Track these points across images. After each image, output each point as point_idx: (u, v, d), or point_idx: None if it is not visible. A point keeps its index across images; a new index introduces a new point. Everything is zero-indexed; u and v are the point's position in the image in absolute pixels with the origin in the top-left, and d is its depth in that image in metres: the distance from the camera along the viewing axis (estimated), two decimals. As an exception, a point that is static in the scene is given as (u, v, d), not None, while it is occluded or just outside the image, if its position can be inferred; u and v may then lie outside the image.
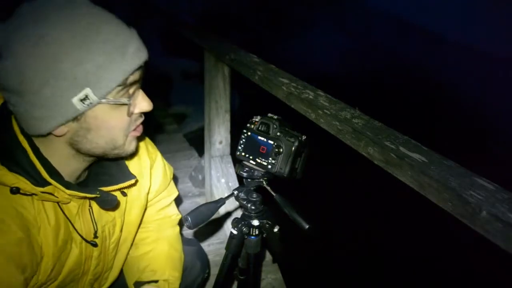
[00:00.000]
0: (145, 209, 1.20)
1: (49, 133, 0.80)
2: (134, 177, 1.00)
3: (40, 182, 0.81)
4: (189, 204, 2.51)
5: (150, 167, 1.16)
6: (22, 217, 0.80)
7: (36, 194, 0.81)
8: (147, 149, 1.16)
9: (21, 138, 0.82)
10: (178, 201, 2.51)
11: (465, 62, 8.98)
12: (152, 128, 3.46)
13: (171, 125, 3.70)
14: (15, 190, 0.78)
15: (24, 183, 0.79)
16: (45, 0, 0.75)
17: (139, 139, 1.04)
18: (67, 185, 0.85)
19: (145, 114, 0.91)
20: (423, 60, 9.01)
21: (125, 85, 0.79)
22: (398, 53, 9.31)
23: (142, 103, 0.86)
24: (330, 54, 8.84)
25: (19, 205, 0.80)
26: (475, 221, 0.79)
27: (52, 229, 0.86)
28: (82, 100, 0.75)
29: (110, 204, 0.93)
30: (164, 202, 1.30)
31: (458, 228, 1.03)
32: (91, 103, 0.76)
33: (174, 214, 1.33)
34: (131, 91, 0.82)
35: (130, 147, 0.91)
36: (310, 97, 1.32)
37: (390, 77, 7.56)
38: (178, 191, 1.38)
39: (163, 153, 1.29)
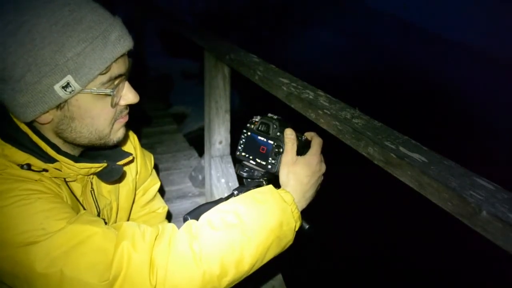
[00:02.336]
0: (134, 196, 1.20)
1: (34, 121, 0.80)
2: (131, 154, 1.01)
3: (48, 159, 0.82)
4: (189, 204, 2.51)
5: (135, 151, 1.17)
6: (45, 186, 0.81)
7: (47, 170, 0.82)
8: (128, 135, 1.17)
9: (19, 122, 0.83)
10: (178, 201, 2.53)
11: (465, 62, 8.98)
12: (152, 127, 3.46)
13: (171, 125, 3.70)
14: (26, 167, 0.78)
15: (34, 159, 0.80)
16: None
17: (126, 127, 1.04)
18: (75, 159, 0.86)
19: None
20: (423, 60, 9.01)
21: (110, 77, 0.79)
22: (398, 53, 9.31)
23: (128, 95, 0.86)
24: (330, 54, 8.84)
25: (36, 178, 0.81)
26: (475, 221, 0.79)
27: (70, 202, 0.87)
28: (64, 88, 0.75)
29: (117, 173, 0.93)
30: (148, 195, 1.30)
31: (458, 228, 1.03)
32: (73, 90, 0.76)
33: (160, 207, 1.33)
34: (116, 83, 0.82)
35: (117, 135, 0.91)
36: (310, 97, 1.32)
37: (390, 77, 7.56)
38: (178, 191, 1.38)
39: (163, 153, 1.29)
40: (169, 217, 1.36)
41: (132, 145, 1.17)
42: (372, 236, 3.31)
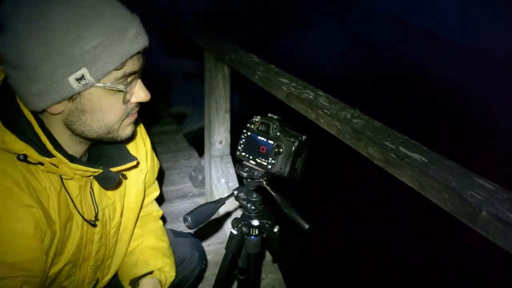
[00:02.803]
0: (143, 198, 1.19)
1: (45, 110, 0.81)
2: (135, 158, 1.01)
3: (46, 152, 0.82)
4: (189, 204, 2.51)
5: (146, 154, 1.16)
6: (31, 184, 0.82)
7: (42, 164, 0.82)
8: (142, 136, 1.16)
9: (26, 111, 0.83)
10: (178, 201, 2.53)
11: (466, 62, 8.98)
12: (152, 127, 3.46)
13: (171, 125, 3.70)
14: (22, 158, 0.78)
15: (32, 151, 0.80)
16: None
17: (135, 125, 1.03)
18: (71, 158, 0.86)
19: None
20: (423, 60, 9.02)
21: (124, 73, 0.80)
22: (398, 53, 9.31)
23: (140, 93, 0.87)
24: (330, 54, 8.84)
25: (27, 173, 0.81)
26: (475, 221, 0.79)
27: (57, 203, 0.87)
28: (78, 80, 0.75)
29: (112, 181, 0.93)
30: (148, 200, 1.30)
31: (458, 228, 1.03)
32: (86, 83, 0.76)
33: (155, 210, 1.34)
34: (129, 79, 0.83)
35: (126, 131, 0.91)
36: (310, 97, 1.32)
37: (390, 77, 7.55)
38: (178, 191, 1.38)
39: (163, 153, 1.29)
40: (169, 217, 1.37)
41: (144, 146, 1.16)
42: (372, 236, 3.31)
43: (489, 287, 2.81)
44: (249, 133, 1.10)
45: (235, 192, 1.15)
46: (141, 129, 1.16)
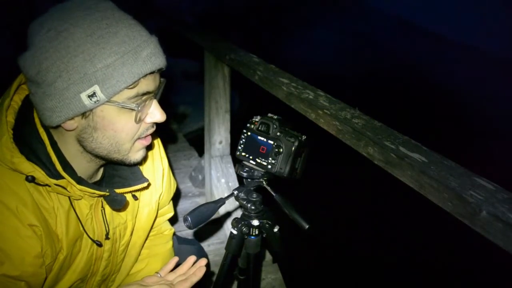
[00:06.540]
0: (156, 217, 1.19)
1: (59, 126, 0.82)
2: (147, 180, 1.01)
3: (54, 174, 0.83)
4: (189, 204, 2.51)
5: (162, 174, 1.16)
6: (38, 205, 0.83)
7: (49, 186, 0.83)
8: (160, 155, 1.16)
9: (41, 130, 0.85)
10: (178, 201, 2.52)
11: (465, 62, 8.98)
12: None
13: (171, 125, 3.70)
14: (31, 179, 0.80)
15: (39, 173, 0.81)
16: (76, 1, 0.79)
17: (152, 144, 1.04)
18: (79, 180, 0.87)
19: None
20: (423, 60, 9.01)
21: (137, 92, 0.81)
22: (398, 53, 9.31)
23: (155, 113, 0.87)
24: (330, 54, 8.84)
25: (36, 192, 0.83)
26: (475, 221, 0.79)
27: (65, 223, 0.88)
28: (90, 97, 0.77)
29: (119, 203, 0.94)
30: (160, 220, 1.30)
31: (458, 228, 1.03)
32: (98, 100, 0.77)
33: (167, 229, 1.33)
34: (143, 99, 0.83)
35: (136, 156, 0.91)
36: (310, 97, 1.32)
37: (390, 77, 7.55)
38: (178, 191, 1.37)
39: (163, 153, 1.27)
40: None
41: (161, 166, 1.16)
42: (372, 236, 3.31)
43: (489, 287, 2.81)
44: (249, 133, 1.10)
45: (235, 192, 1.15)
46: (159, 149, 1.16)
